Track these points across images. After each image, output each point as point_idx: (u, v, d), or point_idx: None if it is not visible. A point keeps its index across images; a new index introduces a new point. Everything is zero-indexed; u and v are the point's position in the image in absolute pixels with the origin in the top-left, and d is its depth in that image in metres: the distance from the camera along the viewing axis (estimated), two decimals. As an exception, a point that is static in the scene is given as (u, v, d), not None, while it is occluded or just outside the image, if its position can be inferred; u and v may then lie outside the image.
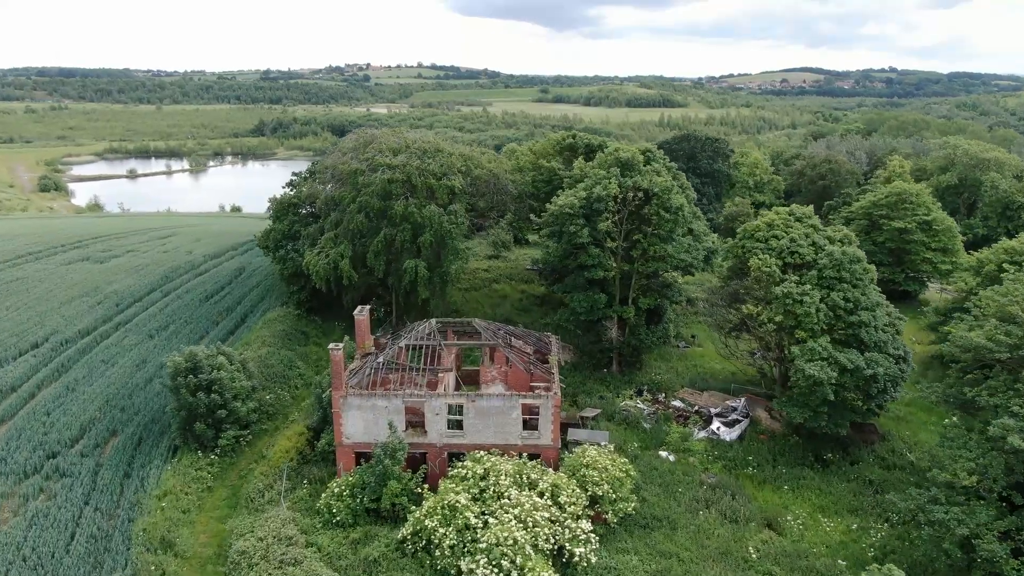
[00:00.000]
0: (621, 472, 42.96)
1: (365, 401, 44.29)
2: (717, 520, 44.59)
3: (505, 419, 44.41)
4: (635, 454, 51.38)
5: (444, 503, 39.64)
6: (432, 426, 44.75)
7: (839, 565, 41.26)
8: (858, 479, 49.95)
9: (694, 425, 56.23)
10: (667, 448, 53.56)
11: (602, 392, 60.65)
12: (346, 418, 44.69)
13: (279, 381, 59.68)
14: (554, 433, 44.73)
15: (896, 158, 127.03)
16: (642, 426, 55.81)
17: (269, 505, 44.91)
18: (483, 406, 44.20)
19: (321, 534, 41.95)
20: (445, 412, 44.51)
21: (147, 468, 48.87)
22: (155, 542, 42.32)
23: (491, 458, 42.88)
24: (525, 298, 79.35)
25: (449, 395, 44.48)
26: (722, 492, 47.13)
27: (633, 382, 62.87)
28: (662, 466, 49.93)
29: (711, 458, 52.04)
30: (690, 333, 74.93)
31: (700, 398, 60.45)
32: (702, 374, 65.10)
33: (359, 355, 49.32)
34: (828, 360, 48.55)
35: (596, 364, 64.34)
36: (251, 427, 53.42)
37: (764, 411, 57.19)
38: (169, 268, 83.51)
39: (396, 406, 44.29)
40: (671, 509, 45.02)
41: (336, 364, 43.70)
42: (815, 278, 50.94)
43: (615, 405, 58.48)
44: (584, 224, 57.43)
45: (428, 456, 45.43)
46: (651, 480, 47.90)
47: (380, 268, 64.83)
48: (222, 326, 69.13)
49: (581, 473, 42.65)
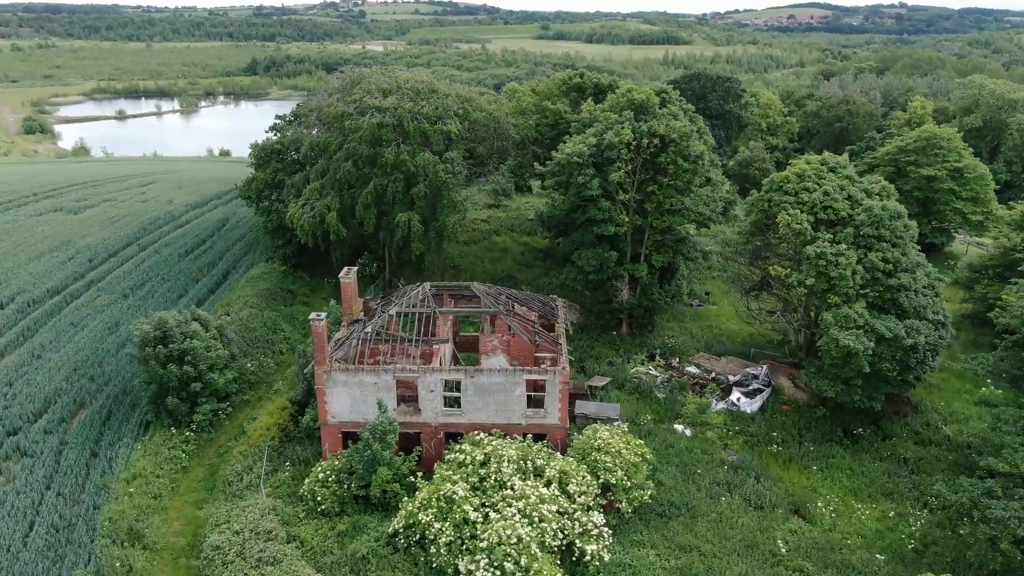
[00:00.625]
0: (636, 456, 38.71)
1: (351, 377, 39.77)
2: (741, 506, 40.57)
3: (507, 397, 39.98)
4: (648, 429, 47.18)
5: (440, 494, 35.49)
6: (426, 404, 40.36)
7: (876, 560, 37.37)
8: (891, 457, 45.84)
9: (711, 395, 51.92)
10: (683, 421, 49.35)
11: (611, 357, 56.20)
12: (331, 395, 40.25)
13: (262, 346, 55.16)
14: (562, 412, 40.38)
15: (917, 98, 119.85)
16: (655, 396, 51.53)
17: (248, 490, 40.83)
18: (483, 382, 39.72)
19: (304, 524, 37.93)
20: (441, 389, 40.05)
21: (116, 447, 44.67)
22: (122, 533, 38.34)
23: (492, 441, 38.60)
24: (527, 252, 74.32)
25: (445, 370, 39.96)
26: (745, 473, 43.04)
27: (645, 346, 58.38)
28: (678, 443, 45.74)
29: (731, 433, 47.85)
30: (704, 290, 70.17)
31: (717, 364, 56.04)
32: (718, 336, 60.55)
33: (346, 322, 44.63)
34: (864, 328, 43.89)
35: (604, 325, 59.77)
36: (231, 399, 49.12)
37: (787, 379, 52.82)
38: (147, 219, 78.23)
39: (386, 382, 39.80)
40: (690, 494, 40.95)
41: (318, 336, 39.03)
42: (851, 236, 45.85)
43: (625, 372, 54.09)
44: (594, 174, 52.03)
45: (422, 436, 41.18)
46: (667, 460, 43.76)
47: (370, 222, 59.64)
48: (202, 284, 64.29)
49: (592, 458, 38.41)
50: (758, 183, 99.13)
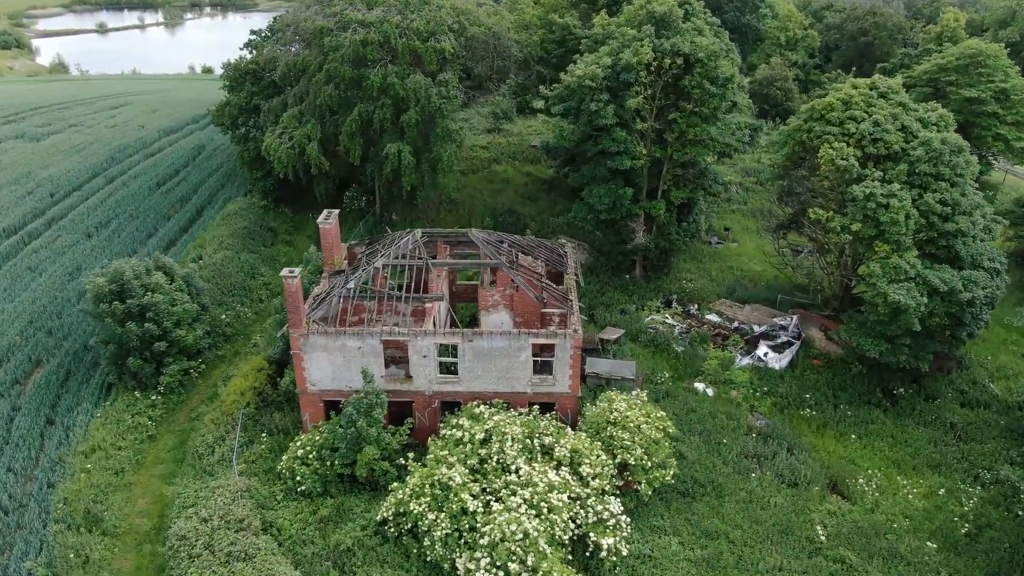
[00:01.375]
0: (658, 432, 34.03)
1: (332, 340, 34.73)
2: (772, 483, 36.21)
3: (511, 363, 35.05)
4: (666, 389, 42.49)
5: (434, 480, 30.99)
6: (419, 371, 35.46)
7: (927, 549, 33.23)
8: (936, 422, 41.32)
9: (735, 348, 47.04)
10: (704, 379, 44.63)
11: (623, 304, 51.10)
12: (309, 361, 35.32)
13: (239, 294, 49.94)
14: (573, 379, 35.53)
15: (949, 10, 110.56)
16: (673, 349, 46.66)
17: (219, 465, 36.38)
18: (483, 347, 34.70)
19: (282, 508, 33.65)
20: (435, 354, 35.07)
21: (74, 413, 40.06)
22: (78, 516, 34.13)
23: (493, 415, 33.88)
24: (531, 183, 68.18)
25: (439, 332, 34.85)
26: (776, 443, 38.54)
27: (660, 290, 53.18)
28: (700, 406, 41.08)
29: (758, 393, 43.20)
30: (723, 226, 64.42)
31: (740, 312, 50.97)
32: (740, 279, 55.23)
33: (327, 273, 39.28)
34: (916, 281, 38.60)
35: (616, 268, 54.40)
36: (203, 355, 44.28)
37: (818, 330, 47.86)
38: (116, 147, 71.66)
39: (372, 346, 34.79)
40: (715, 469, 36.53)
41: (292, 296, 33.77)
42: (904, 174, 39.95)
43: (640, 321, 49.08)
44: (608, 100, 45.61)
45: (415, 406, 36.47)
46: (688, 427, 39.20)
47: (356, 153, 53.46)
48: (174, 222, 58.48)
49: (607, 433, 33.77)
50: (779, 104, 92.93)
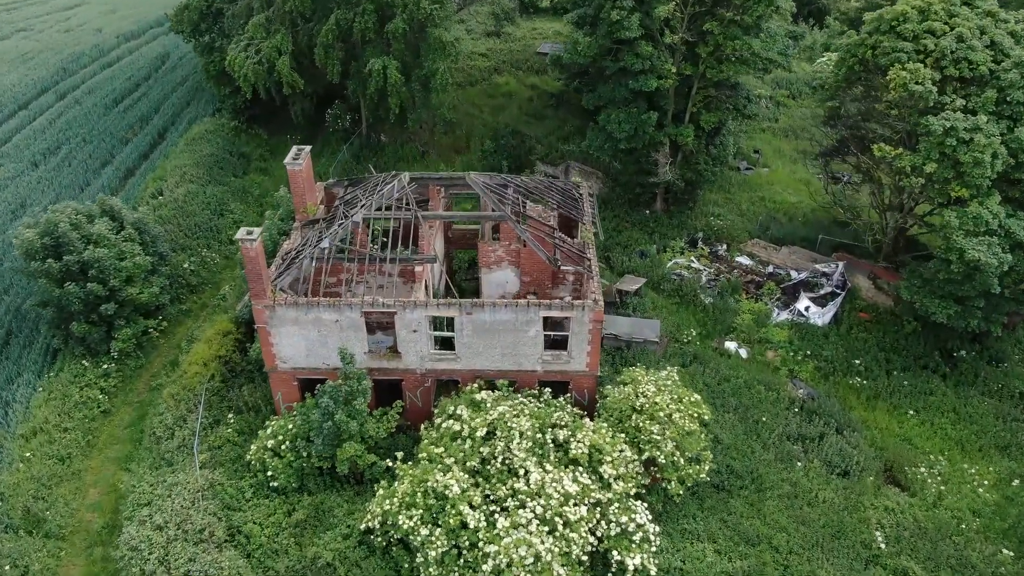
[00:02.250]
0: (692, 421, 28.77)
1: (304, 313, 28.99)
2: (820, 473, 31.33)
3: (518, 338, 29.45)
4: (694, 352, 37.08)
5: (427, 487, 25.98)
6: (408, 347, 29.91)
7: (1003, 557, 28.65)
8: (1003, 391, 36.14)
9: (770, 299, 41.34)
10: (736, 337, 39.20)
11: (643, 244, 45.06)
12: (278, 336, 29.71)
13: (205, 236, 43.79)
14: (591, 356, 29.99)
15: None
16: (700, 300, 40.98)
17: (180, 453, 31.41)
18: (484, 320, 29.00)
19: (252, 507, 28.84)
20: (427, 328, 29.42)
21: (14, 386, 34.85)
22: (16, 516, 29.46)
23: (497, 402, 28.54)
24: (536, 97, 60.45)
25: (431, 303, 29.01)
26: (822, 421, 33.44)
27: (684, 227, 46.97)
28: (734, 373, 35.77)
29: (799, 355, 37.83)
30: (752, 147, 57.36)
31: (776, 255, 44.94)
32: (773, 212, 48.85)
33: (299, 222, 33.08)
34: (998, 233, 32.54)
35: (634, 201, 48.03)
36: (164, 311, 38.65)
37: (866, 278, 42.02)
38: (69, 56, 63.54)
39: (351, 320, 29.09)
40: (755, 455, 31.55)
41: (252, 263, 27.76)
42: (992, 102, 33.11)
43: (662, 266, 43.21)
44: (633, 8, 38.07)
45: (404, 385, 31.14)
46: (721, 400, 34.05)
47: (335, 70, 46.06)
48: (133, 147, 51.52)
49: (632, 423, 28.54)
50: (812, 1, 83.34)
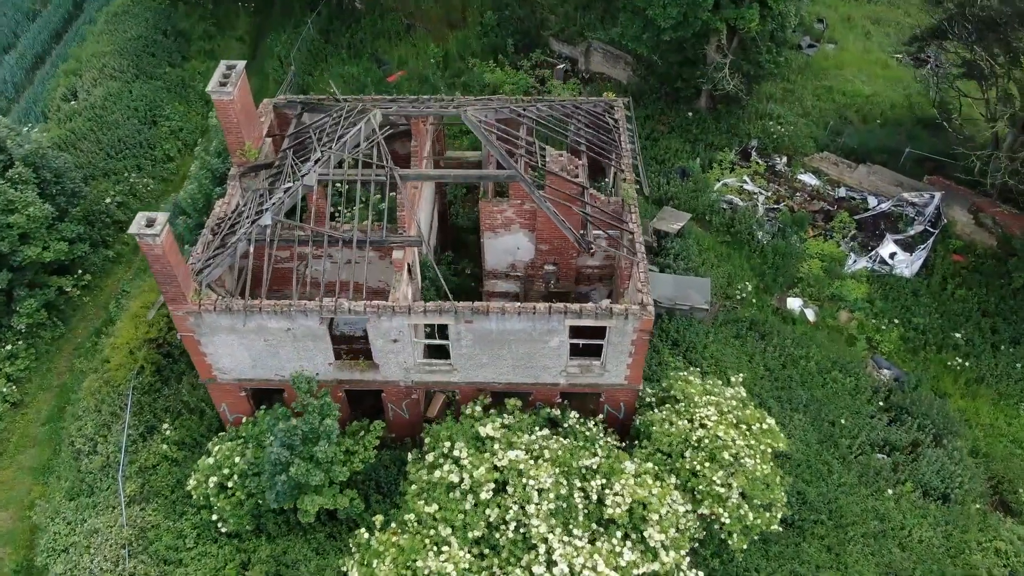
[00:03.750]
0: (765, 461, 21.71)
1: (242, 322, 21.12)
2: (914, 498, 24.82)
3: (535, 348, 21.79)
4: (750, 316, 29.52)
5: (416, 569, 19.46)
6: (388, 359, 22.31)
7: None
8: None
9: (844, 239, 33.17)
10: (802, 291, 31.49)
11: (684, 156, 36.13)
12: (211, 347, 22.04)
13: (134, 154, 34.71)
14: (633, 368, 22.39)
15: None
16: (756, 238, 32.83)
17: (104, 476, 24.74)
18: (489, 330, 21.17)
19: (196, 559, 22.56)
20: (411, 337, 21.64)
21: None
22: (-101, 563, 23.31)
23: (507, 443, 21.34)
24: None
25: (416, 309, 20.96)
26: (915, 421, 26.48)
27: (734, 133, 37.73)
28: (800, 350, 28.36)
29: (882, 319, 30.30)
30: (814, 17, 46.27)
31: (850, 173, 36.04)
32: (843, 110, 39.30)
33: (236, 170, 24.24)
34: None
35: (673, 97, 38.43)
36: (84, 262, 30.70)
37: (965, 211, 33.53)
38: None
39: (309, 329, 21.26)
40: (831, 475, 24.89)
41: (160, 264, 19.47)
42: None
43: (706, 188, 34.59)
44: None
45: (386, 397, 23.86)
46: (788, 391, 26.99)
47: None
48: (40, 26, 40.79)
49: (686, 464, 21.55)
50: None
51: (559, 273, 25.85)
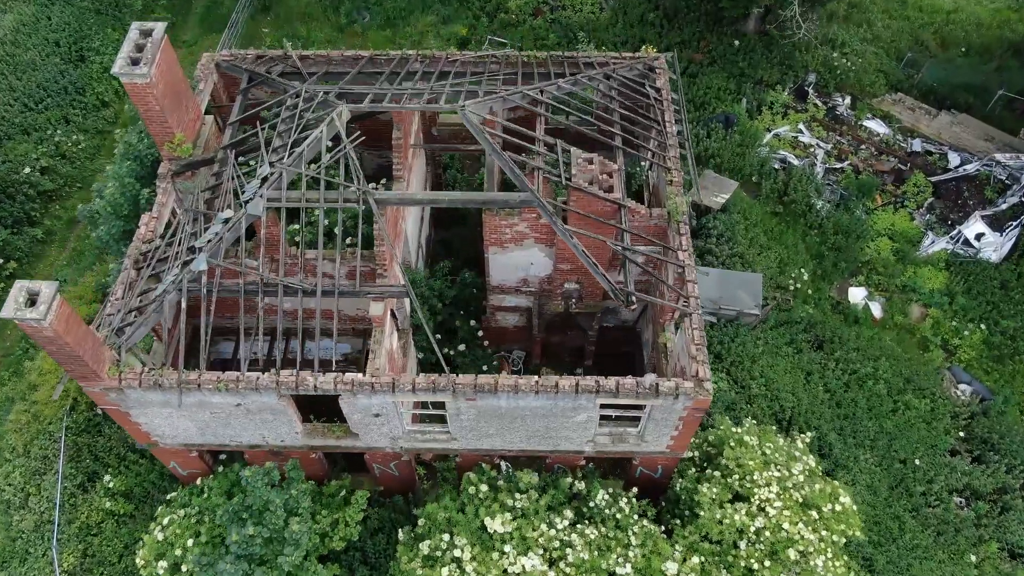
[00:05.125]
0: (840, 561, 17.51)
1: (176, 401, 16.29)
2: (999, 567, 20.95)
3: (557, 423, 17.09)
4: (807, 318, 24.64)
5: None
6: (369, 430, 17.65)
7: None
8: None
9: (920, 208, 27.68)
10: (866, 279, 26.40)
11: (727, 98, 29.95)
12: (143, 419, 17.34)
13: (58, 103, 28.34)
14: (680, 440, 17.73)
15: None
16: (814, 209, 27.32)
17: (37, 538, 20.75)
18: (498, 407, 16.38)
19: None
20: (397, 409, 16.87)
21: None
22: None
23: (520, 548, 17.07)
24: None
25: (403, 383, 16.01)
26: (1002, 460, 22.23)
27: (788, 66, 31.23)
28: (868, 364, 23.71)
29: (963, 318, 25.40)
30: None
31: (928, 122, 29.94)
32: (917, 30, 32.58)
33: (166, 169, 18.51)
34: None
35: (715, 17, 31.61)
36: (6, 249, 25.44)
37: (1068, 174, 27.82)
38: None
39: (266, 404, 16.46)
40: (904, 532, 20.91)
41: (54, 344, 14.39)
42: None
43: (757, 140, 28.69)
44: None
45: (369, 459, 19.41)
46: (853, 420, 22.59)
47: None
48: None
49: (740, 557, 17.42)
50: None
51: (583, 292, 20.72)
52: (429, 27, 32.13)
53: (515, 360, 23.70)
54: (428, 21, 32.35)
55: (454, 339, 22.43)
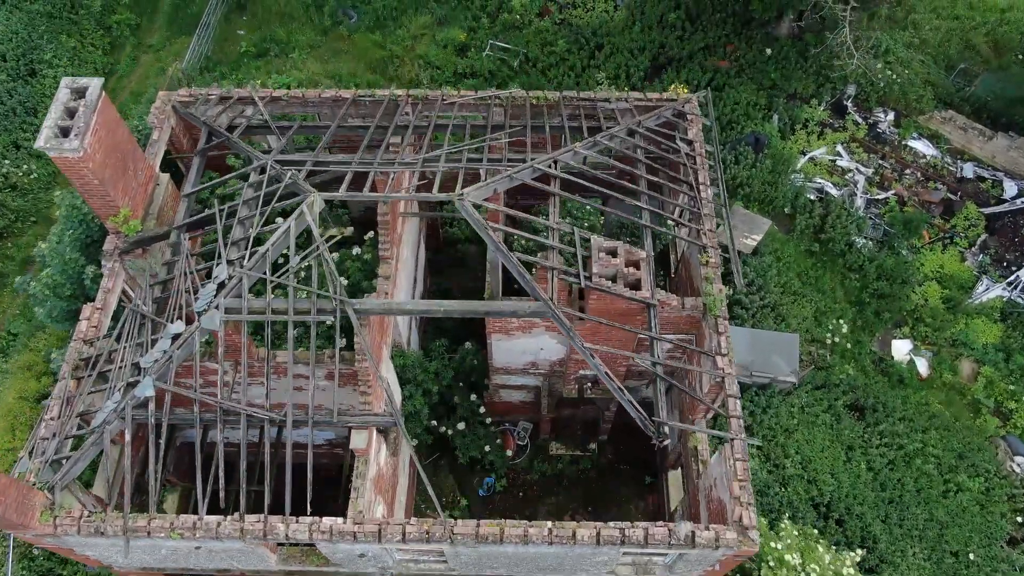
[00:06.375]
0: None
1: (123, 553, 13.79)
2: None
3: (575, 562, 14.62)
4: (846, 376, 22.05)
5: None
6: (354, 564, 15.19)
7: None
8: None
9: (970, 247, 24.82)
10: (912, 331, 23.69)
11: (756, 112, 26.74)
12: (93, 552, 14.88)
13: (5, 123, 25.23)
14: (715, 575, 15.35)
15: None
16: (855, 248, 24.42)
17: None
18: (503, 553, 13.90)
19: None
20: (386, 551, 14.38)
21: None
22: None
23: None
24: None
25: (391, 533, 13.45)
26: (1068, 555, 19.96)
27: (824, 77, 27.90)
28: (916, 437, 21.20)
29: (1018, 376, 22.78)
30: None
31: (982, 144, 26.78)
32: (967, 33, 29.18)
33: (112, 247, 15.63)
34: None
35: (744, 18, 28.20)
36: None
37: None
38: None
39: (231, 548, 13.97)
40: (958, 648, 18.75)
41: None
42: None
43: (790, 164, 25.63)
44: None
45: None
46: (897, 506, 20.17)
47: None
48: None
49: None
50: None
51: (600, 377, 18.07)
52: (423, 30, 28.73)
53: (520, 433, 21.19)
54: (422, 22, 28.94)
55: (452, 416, 19.88)
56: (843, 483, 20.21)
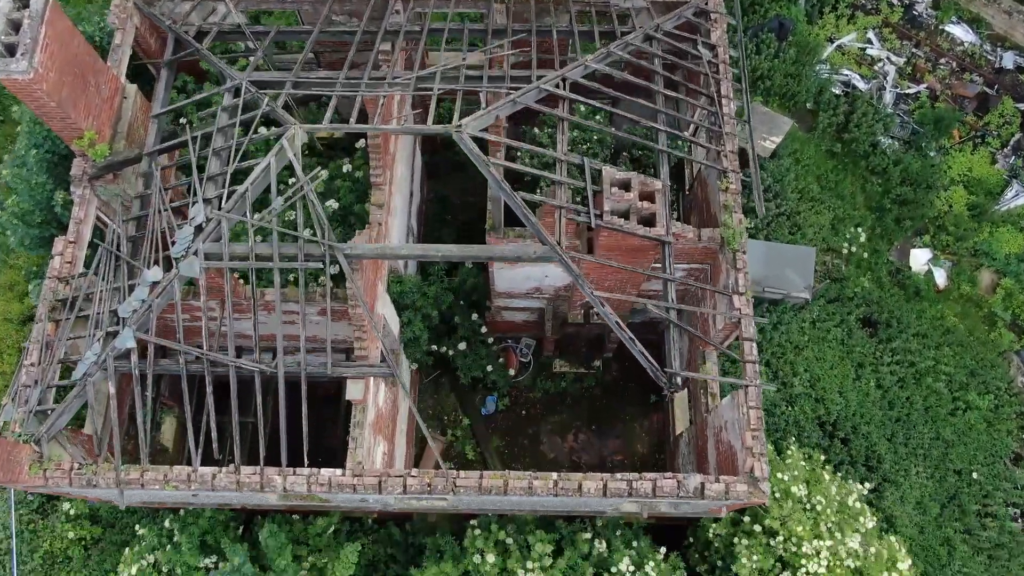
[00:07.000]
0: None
1: (120, 500, 13.45)
2: (1056, 594, 19.23)
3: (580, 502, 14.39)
4: (864, 294, 21.26)
5: None
6: (357, 503, 15.00)
7: None
8: None
9: (1002, 148, 23.23)
10: (933, 239, 22.58)
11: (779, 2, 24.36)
12: (87, 494, 14.61)
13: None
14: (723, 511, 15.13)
15: None
16: (879, 149, 22.81)
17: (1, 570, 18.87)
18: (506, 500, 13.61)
19: None
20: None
21: None
22: None
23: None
24: None
25: (392, 485, 13.11)
26: (1071, 472, 19.92)
27: (860, -48, 25.18)
28: (930, 359, 20.63)
29: (1037, 290, 21.97)
30: None
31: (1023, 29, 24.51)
32: None
33: (80, 172, 14.38)
34: None
35: None
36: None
37: None
38: None
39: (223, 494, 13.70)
40: (952, 563, 18.98)
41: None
42: None
43: (815, 54, 23.59)
44: None
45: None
46: (904, 424, 19.95)
47: None
48: None
49: (780, 634, 15.52)
50: None
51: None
52: None
53: (523, 351, 20.64)
54: None
55: (453, 335, 19.23)
56: (851, 402, 19.88)
